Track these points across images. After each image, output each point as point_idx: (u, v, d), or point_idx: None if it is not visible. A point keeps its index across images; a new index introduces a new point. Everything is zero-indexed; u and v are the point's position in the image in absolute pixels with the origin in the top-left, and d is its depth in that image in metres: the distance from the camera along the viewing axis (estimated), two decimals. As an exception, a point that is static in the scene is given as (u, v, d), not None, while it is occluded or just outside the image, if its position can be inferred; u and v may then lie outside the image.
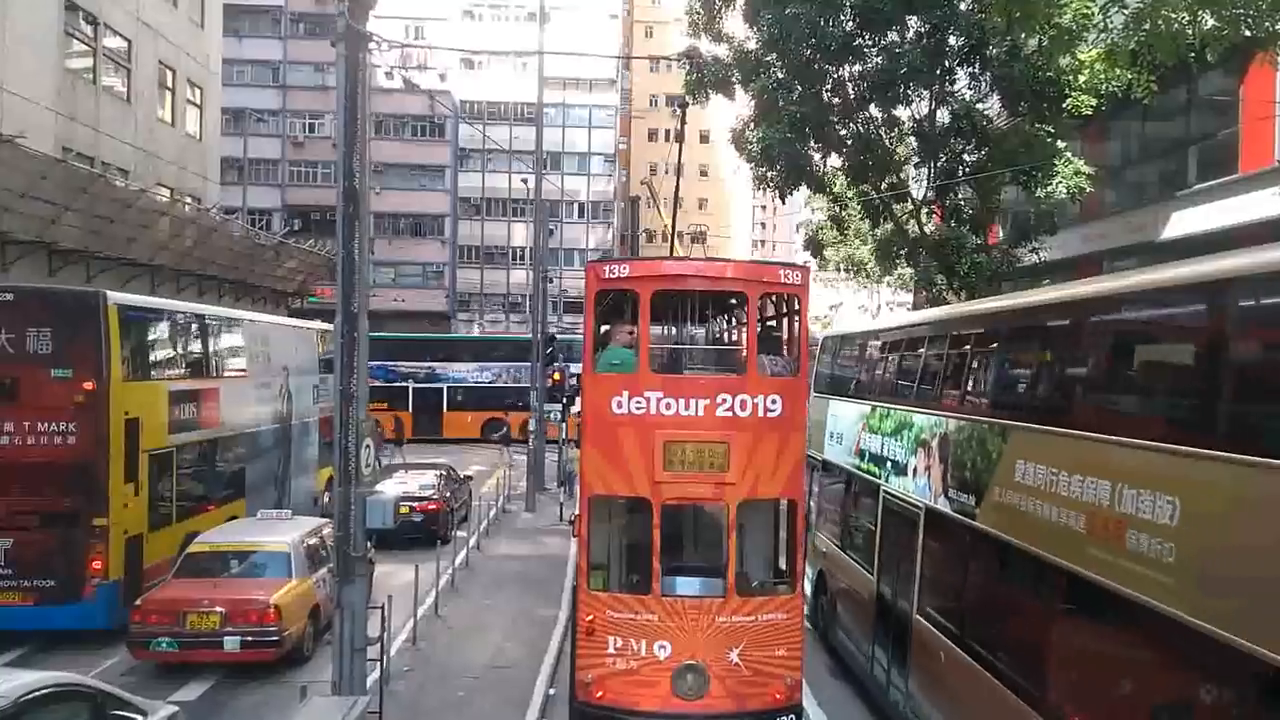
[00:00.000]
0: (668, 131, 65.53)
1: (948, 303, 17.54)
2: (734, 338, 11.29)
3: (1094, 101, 16.58)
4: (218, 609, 10.63)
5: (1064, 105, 16.71)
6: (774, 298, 9.60)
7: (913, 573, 8.99)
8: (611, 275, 8.42)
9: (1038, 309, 7.96)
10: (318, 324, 24.32)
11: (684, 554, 8.92)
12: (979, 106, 18.53)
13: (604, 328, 9.82)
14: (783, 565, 8.97)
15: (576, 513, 8.81)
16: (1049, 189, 17.69)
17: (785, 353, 9.13)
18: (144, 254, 20.48)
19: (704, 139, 78.61)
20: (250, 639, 10.59)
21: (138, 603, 10.85)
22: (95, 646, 11.41)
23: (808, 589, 8.72)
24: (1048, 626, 6.36)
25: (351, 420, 7.09)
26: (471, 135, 58.04)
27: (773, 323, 10.22)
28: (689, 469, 8.26)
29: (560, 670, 10.82)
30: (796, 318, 8.87)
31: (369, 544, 8.10)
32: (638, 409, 8.28)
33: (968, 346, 8.99)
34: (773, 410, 8.34)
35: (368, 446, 7.31)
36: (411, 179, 57.45)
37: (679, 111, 17.03)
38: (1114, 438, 5.72)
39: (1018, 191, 20.79)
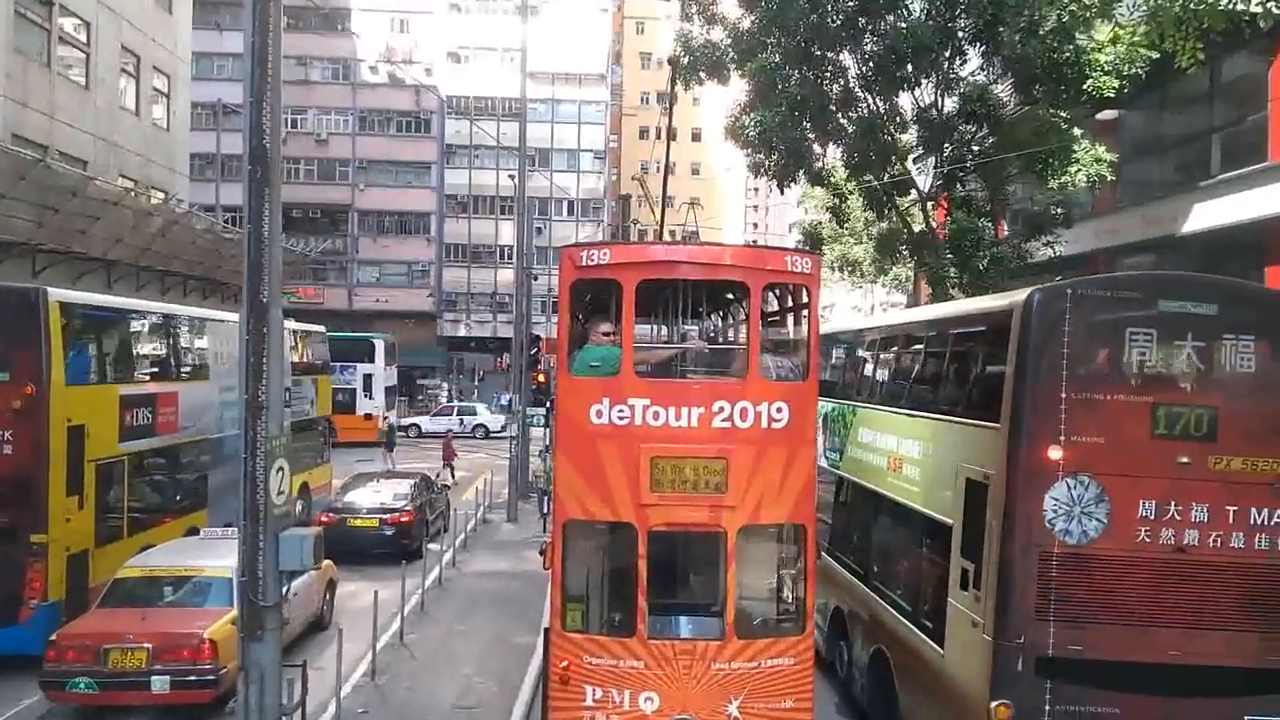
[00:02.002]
0: (659, 130, 64.32)
1: (954, 299, 16.39)
2: (733, 336, 10.09)
3: (1116, 83, 15.41)
4: (144, 644, 9.34)
5: (1084, 87, 15.53)
6: (779, 289, 8.36)
7: None
8: (589, 262, 7.17)
9: (860, 330, 12.43)
10: (290, 323, 23.04)
11: (675, 589, 7.69)
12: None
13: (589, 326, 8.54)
14: (790, 601, 7.72)
15: (548, 540, 7.54)
16: (1067, 177, 16.55)
17: (792, 353, 7.90)
18: (98, 248, 19.12)
19: (695, 137, 77.50)
20: (181, 679, 9.30)
21: (53, 637, 9.55)
22: (28, 675, 10.08)
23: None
24: (870, 529, 9.99)
25: (260, 438, 5.80)
26: (458, 131, 56.78)
27: (777, 318, 8.97)
28: (680, 489, 7.06)
29: (535, 712, 9.56)
30: (805, 312, 7.64)
31: (287, 592, 6.77)
32: (620, 419, 7.06)
33: (834, 353, 12.48)
34: (778, 420, 7.14)
35: (280, 470, 6.02)
36: (396, 176, 56.12)
37: (669, 81, 15.66)
38: (898, 410, 9.31)
39: (1025, 184, 19.76)
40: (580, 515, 7.23)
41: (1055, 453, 6.44)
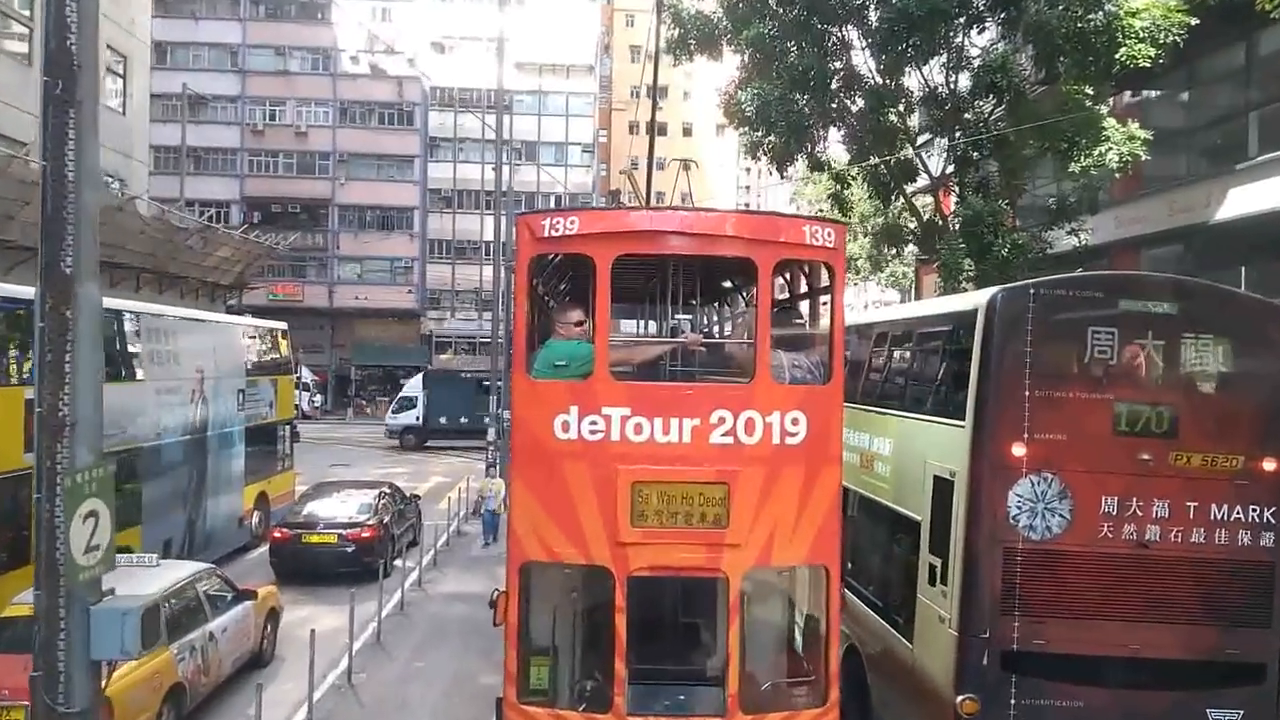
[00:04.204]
0: (649, 124, 62.33)
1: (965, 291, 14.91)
2: (736, 328, 8.55)
3: (1152, 52, 13.90)
4: (22, 703, 7.67)
5: (1117, 56, 14.00)
6: (795, 268, 6.82)
7: None
8: (553, 232, 5.60)
9: None
10: (247, 319, 21.41)
11: (662, 651, 6.14)
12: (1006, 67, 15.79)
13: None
14: (808, 664, 6.17)
15: (500, 589, 5.97)
16: (1091, 160, 15.06)
17: (811, 349, 6.36)
18: (31, 235, 17.36)
19: (687, 132, 75.91)
20: (68, 744, 7.68)
21: (-90, 695, 7.93)
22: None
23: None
24: (843, 526, 9.33)
25: (60, 469, 4.16)
26: (442, 123, 55.16)
27: (792, 304, 7.40)
28: (669, 523, 5.55)
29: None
30: (827, 296, 6.09)
31: (106, 683, 5.09)
32: (593, 433, 5.54)
33: None
34: (794, 434, 5.64)
35: (92, 516, 4.35)
36: (378, 169, 54.39)
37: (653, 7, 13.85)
38: (870, 408, 9.15)
39: (1044, 167, 18.29)
40: (542, 556, 5.69)
41: (1019, 450, 6.51)
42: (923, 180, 19.12)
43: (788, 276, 7.11)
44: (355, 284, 53.75)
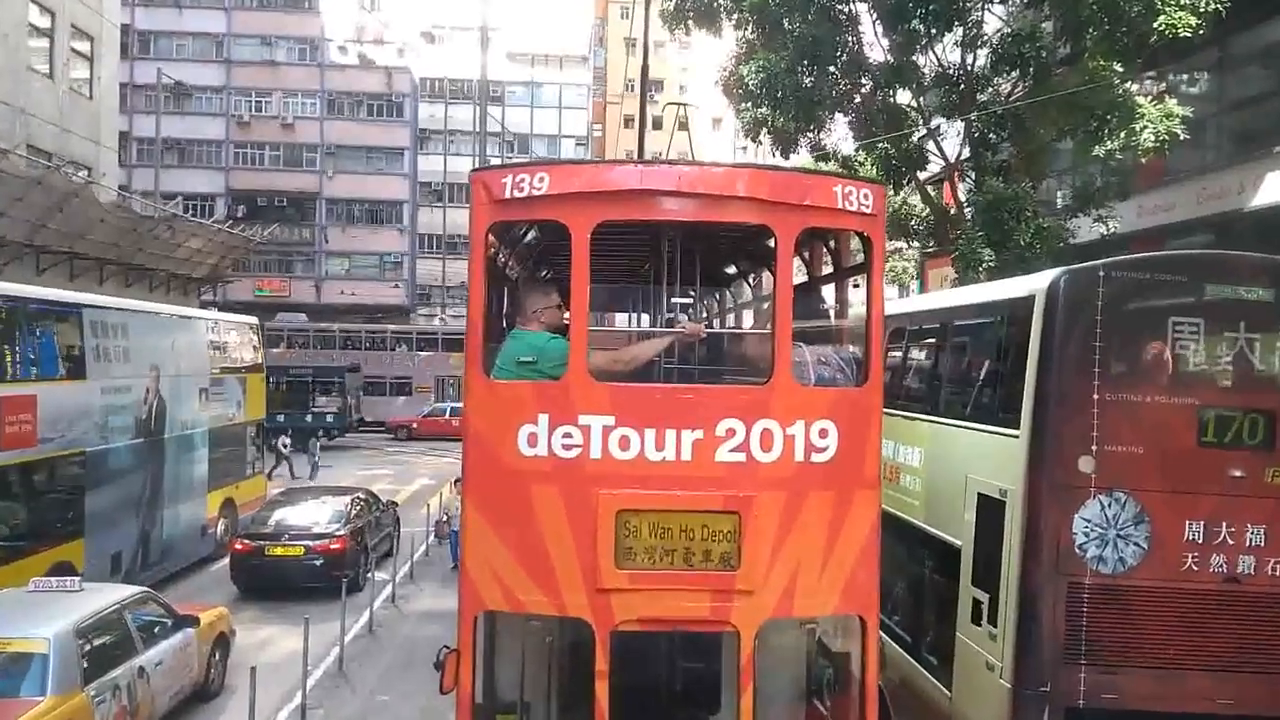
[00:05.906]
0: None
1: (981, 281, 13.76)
2: (748, 317, 7.36)
3: (1194, 20, 12.74)
4: None
5: (1155, 25, 12.84)
6: (817, 242, 5.61)
7: None
8: (518, 193, 4.39)
9: None
10: (212, 313, 20.21)
11: (655, 724, 4.95)
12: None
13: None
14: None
15: (450, 646, 4.75)
16: (1118, 141, 13.92)
17: (842, 342, 5.17)
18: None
19: (682, 126, 74.83)
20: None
21: None
22: None
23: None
24: None
25: None
26: (432, 115, 53.98)
27: (818, 287, 6.17)
28: (664, 563, 4.39)
29: None
30: (861, 277, 4.90)
31: None
32: (567, 448, 4.36)
33: None
34: (821, 449, 4.48)
35: None
36: (367, 162, 53.18)
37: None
38: (895, 412, 7.70)
39: (1067, 150, 17.18)
40: (503, 605, 4.50)
41: (1086, 465, 5.58)
42: (934, 166, 18.00)
43: (808, 254, 5.90)
44: (343, 279, 52.56)
